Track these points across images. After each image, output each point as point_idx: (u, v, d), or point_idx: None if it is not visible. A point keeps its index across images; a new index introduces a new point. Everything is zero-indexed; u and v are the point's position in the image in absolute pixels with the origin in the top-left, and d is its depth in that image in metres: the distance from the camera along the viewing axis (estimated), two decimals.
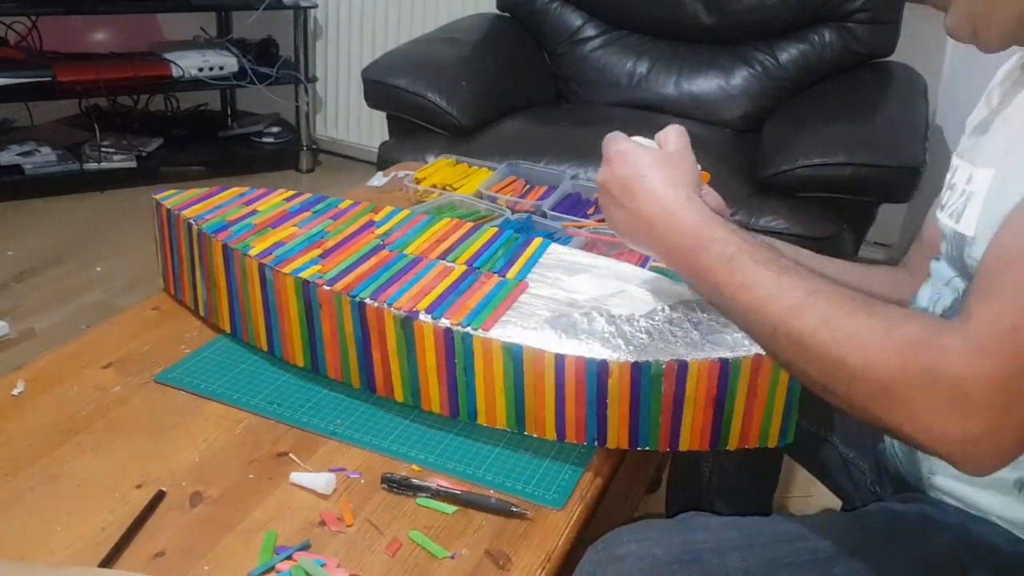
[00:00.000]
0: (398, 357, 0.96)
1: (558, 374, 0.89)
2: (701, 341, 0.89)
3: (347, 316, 0.96)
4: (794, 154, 1.92)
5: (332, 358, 1.00)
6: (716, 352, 0.87)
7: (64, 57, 2.90)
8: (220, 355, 1.07)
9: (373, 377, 0.98)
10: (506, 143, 2.08)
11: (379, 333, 0.95)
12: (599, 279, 1.02)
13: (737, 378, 0.87)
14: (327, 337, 0.99)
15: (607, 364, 0.87)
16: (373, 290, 0.97)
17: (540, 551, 0.82)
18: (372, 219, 1.16)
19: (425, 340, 0.93)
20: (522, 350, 0.90)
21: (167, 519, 0.82)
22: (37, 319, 2.17)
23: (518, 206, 1.47)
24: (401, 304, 0.94)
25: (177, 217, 1.13)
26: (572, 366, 0.88)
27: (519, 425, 0.93)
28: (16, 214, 2.72)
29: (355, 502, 0.86)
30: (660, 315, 0.94)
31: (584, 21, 2.51)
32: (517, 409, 0.92)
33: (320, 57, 3.26)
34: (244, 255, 1.03)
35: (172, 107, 3.32)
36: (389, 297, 0.95)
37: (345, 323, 0.97)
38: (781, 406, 0.89)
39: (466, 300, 0.96)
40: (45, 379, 1.01)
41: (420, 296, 0.96)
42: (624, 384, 0.88)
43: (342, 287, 0.97)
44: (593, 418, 0.90)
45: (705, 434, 0.90)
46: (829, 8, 2.28)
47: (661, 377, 0.87)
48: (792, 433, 0.91)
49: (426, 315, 0.93)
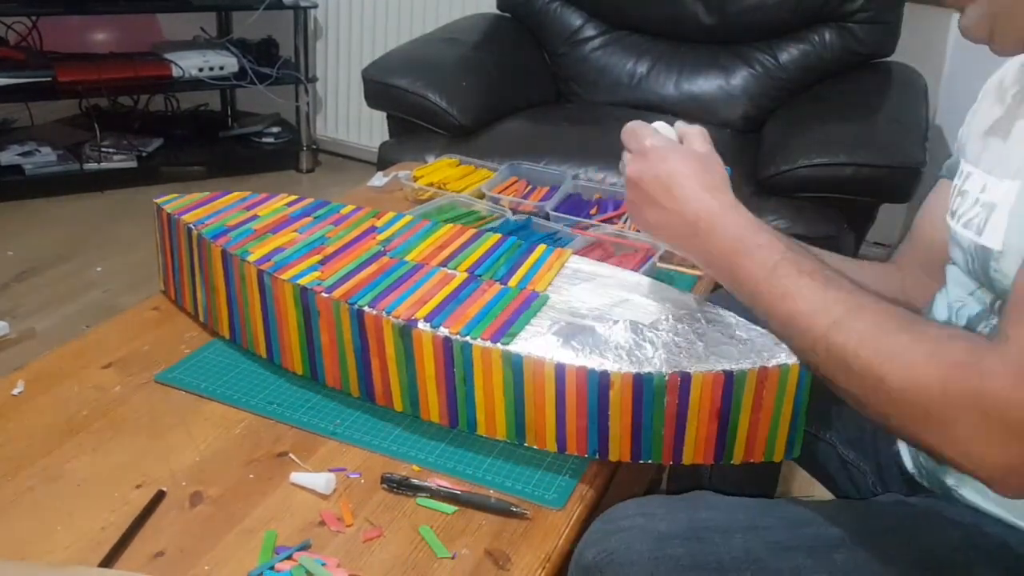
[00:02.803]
0: (397, 366, 0.95)
1: (559, 384, 0.88)
2: (705, 353, 0.88)
3: (345, 324, 0.96)
4: (794, 154, 1.92)
5: (331, 366, 0.99)
6: (720, 364, 0.86)
7: (64, 57, 2.90)
8: (220, 355, 1.07)
9: (372, 386, 0.97)
10: (506, 143, 2.08)
11: (378, 341, 0.95)
12: (602, 288, 1.01)
13: (742, 391, 0.86)
14: (326, 345, 0.98)
15: (608, 375, 0.86)
16: (372, 298, 0.96)
17: (540, 551, 0.82)
18: (374, 225, 1.15)
19: (424, 349, 0.92)
20: (522, 359, 0.89)
21: (167, 519, 0.82)
22: (37, 319, 2.17)
23: (520, 207, 1.47)
24: (400, 312, 0.93)
25: (177, 221, 1.12)
26: (573, 376, 0.87)
27: (519, 436, 0.92)
28: (16, 214, 2.72)
29: (355, 502, 0.86)
30: (664, 325, 0.93)
31: (584, 21, 2.51)
32: (517, 420, 0.91)
33: (320, 57, 3.26)
34: (243, 261, 1.02)
35: (172, 107, 3.32)
36: (388, 305, 0.94)
37: (344, 331, 0.96)
38: (787, 419, 0.88)
39: (466, 309, 0.95)
40: (45, 379, 1.01)
41: (419, 304, 0.95)
42: (626, 396, 0.87)
43: (340, 294, 0.96)
44: (594, 430, 0.89)
45: (709, 448, 0.88)
46: (829, 8, 2.28)
47: (664, 389, 0.86)
48: (798, 447, 0.89)
49: (425, 324, 0.92)
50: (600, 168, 1.96)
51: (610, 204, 1.54)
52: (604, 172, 1.95)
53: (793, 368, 0.85)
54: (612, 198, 1.57)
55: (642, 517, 0.78)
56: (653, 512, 0.78)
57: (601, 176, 1.93)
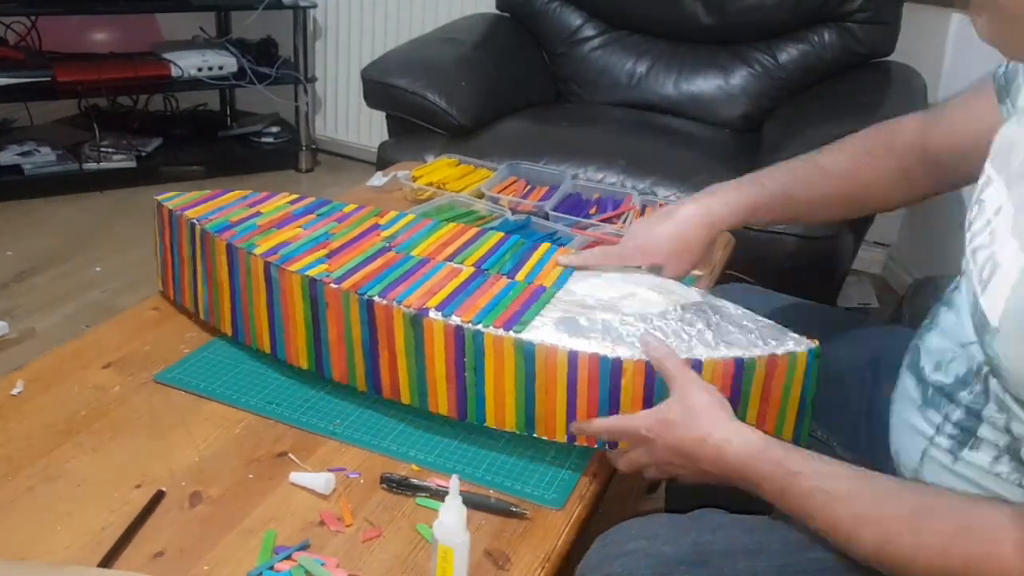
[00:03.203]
0: (406, 357, 0.95)
1: (571, 372, 0.88)
2: (715, 341, 0.89)
3: (355, 315, 0.96)
4: (794, 154, 1.91)
5: (337, 360, 0.99)
6: (731, 352, 0.87)
7: (63, 57, 2.89)
8: (220, 355, 1.07)
9: (379, 379, 0.97)
10: (506, 143, 2.08)
11: (387, 332, 0.94)
12: (609, 283, 1.01)
13: (751, 379, 0.87)
14: (333, 338, 0.98)
15: (621, 362, 0.87)
16: (381, 288, 0.96)
17: (539, 551, 0.82)
18: (377, 223, 1.15)
19: (435, 338, 0.92)
20: (534, 347, 0.89)
21: (166, 519, 0.82)
22: (37, 319, 2.17)
23: (520, 207, 1.47)
24: (411, 302, 0.93)
25: (179, 218, 1.12)
26: (585, 364, 0.88)
27: (528, 427, 0.92)
28: (16, 214, 2.72)
29: (354, 502, 0.86)
30: (673, 315, 0.93)
31: (584, 21, 2.51)
32: (527, 410, 0.91)
33: (319, 57, 3.26)
34: (249, 254, 1.02)
35: (171, 107, 3.32)
36: (398, 295, 0.95)
37: (352, 323, 0.96)
38: (795, 409, 0.89)
39: (476, 300, 0.96)
40: (45, 379, 1.01)
41: (429, 295, 0.95)
42: (638, 384, 0.87)
43: (350, 285, 0.96)
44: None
45: None
46: (828, 8, 2.28)
47: None
48: (805, 436, 0.90)
49: (436, 312, 0.92)
50: (599, 168, 1.96)
51: (609, 204, 1.54)
52: (603, 172, 1.95)
53: (801, 356, 0.86)
54: (611, 198, 1.57)
55: (645, 540, 0.77)
56: (656, 534, 0.78)
57: (600, 176, 1.93)
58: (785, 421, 0.89)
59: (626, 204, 1.52)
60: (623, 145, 2.05)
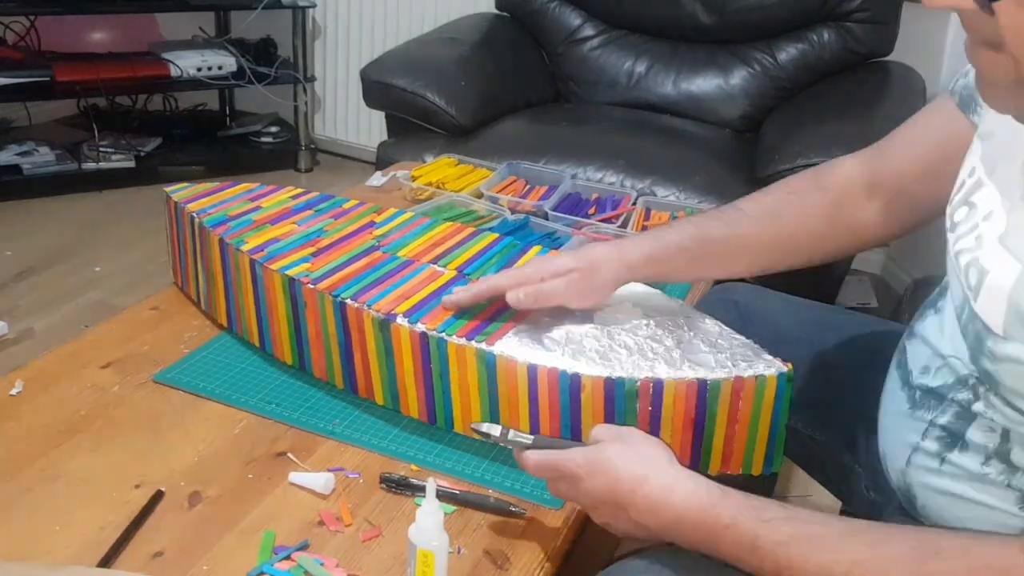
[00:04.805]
0: (378, 360, 0.95)
1: (531, 385, 0.88)
2: (680, 360, 0.87)
3: (330, 316, 0.97)
4: (793, 154, 1.92)
5: (317, 357, 1.00)
6: (695, 372, 0.85)
7: (62, 57, 2.89)
8: (219, 355, 1.07)
9: (355, 379, 0.98)
10: (505, 143, 2.08)
11: (359, 334, 0.95)
12: None
13: (716, 401, 0.85)
14: (312, 336, 1.00)
15: (579, 378, 0.86)
16: (356, 291, 0.97)
17: (539, 551, 0.82)
18: (373, 220, 1.16)
19: (402, 344, 0.93)
20: (495, 358, 0.88)
21: (166, 519, 0.82)
22: (36, 319, 2.17)
23: (519, 207, 1.47)
24: (381, 307, 0.94)
25: (183, 210, 1.14)
26: (544, 377, 0.87)
27: None
28: (15, 214, 2.72)
29: (354, 502, 0.86)
30: (643, 330, 0.92)
31: (583, 21, 2.51)
32: (492, 419, 0.91)
33: (319, 57, 3.26)
34: (237, 250, 1.04)
35: (171, 107, 3.32)
36: (370, 299, 0.95)
37: (328, 322, 0.97)
38: (765, 433, 0.86)
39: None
40: (44, 379, 1.01)
41: (401, 299, 0.96)
42: (598, 399, 0.86)
43: (326, 286, 0.97)
44: (567, 432, 0.88)
45: (684, 456, 0.86)
46: (827, 8, 2.28)
47: (636, 394, 0.85)
48: (778, 462, 0.88)
49: (403, 319, 0.93)
50: (599, 168, 1.96)
51: (608, 204, 1.54)
52: (603, 172, 1.95)
53: (771, 379, 0.84)
54: (611, 197, 1.57)
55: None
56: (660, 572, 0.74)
57: (599, 176, 1.94)
58: (755, 448, 0.87)
59: (625, 204, 1.53)
60: (622, 145, 2.06)
